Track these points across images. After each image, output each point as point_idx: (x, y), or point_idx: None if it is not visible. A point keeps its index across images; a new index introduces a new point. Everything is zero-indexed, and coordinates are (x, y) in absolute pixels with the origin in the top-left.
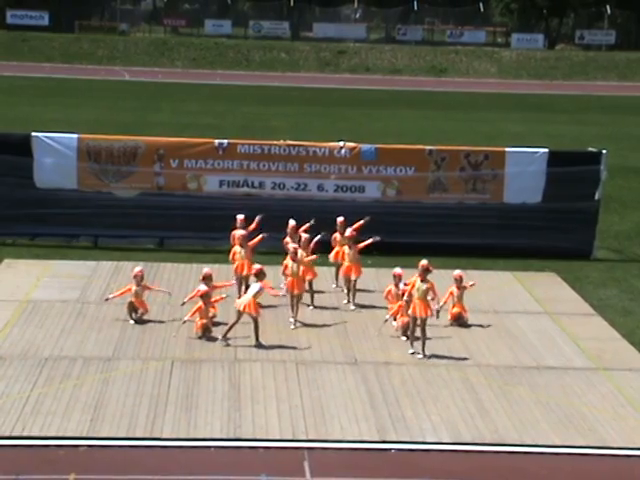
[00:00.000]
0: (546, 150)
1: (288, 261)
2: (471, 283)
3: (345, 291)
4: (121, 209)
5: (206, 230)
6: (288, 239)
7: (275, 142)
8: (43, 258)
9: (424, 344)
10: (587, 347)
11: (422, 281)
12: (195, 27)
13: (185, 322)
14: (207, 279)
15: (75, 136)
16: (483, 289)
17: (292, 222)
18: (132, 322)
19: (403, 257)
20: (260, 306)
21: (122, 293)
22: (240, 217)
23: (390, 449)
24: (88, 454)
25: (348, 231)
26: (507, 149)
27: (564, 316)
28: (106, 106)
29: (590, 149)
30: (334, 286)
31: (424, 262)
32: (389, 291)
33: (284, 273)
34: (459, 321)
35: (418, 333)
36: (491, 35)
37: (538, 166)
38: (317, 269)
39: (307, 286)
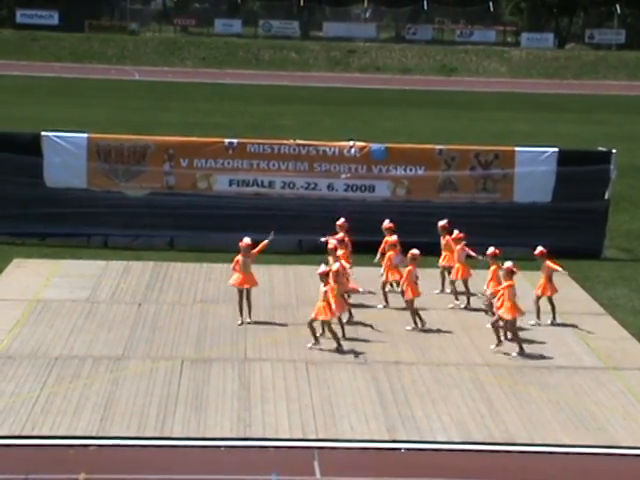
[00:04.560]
0: (556, 149)
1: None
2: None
3: (449, 292)
4: (131, 209)
5: (216, 230)
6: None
7: (285, 141)
8: (53, 257)
9: (519, 343)
10: (597, 346)
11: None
12: (205, 26)
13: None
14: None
15: (85, 135)
16: None
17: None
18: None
19: None
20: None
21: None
22: (340, 222)
23: (400, 449)
24: (98, 453)
25: (455, 232)
26: (517, 148)
27: (574, 315)
28: (116, 105)
29: (600, 148)
30: (437, 292)
31: (509, 264)
32: (493, 270)
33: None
34: None
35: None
36: (501, 34)
37: (548, 165)
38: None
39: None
